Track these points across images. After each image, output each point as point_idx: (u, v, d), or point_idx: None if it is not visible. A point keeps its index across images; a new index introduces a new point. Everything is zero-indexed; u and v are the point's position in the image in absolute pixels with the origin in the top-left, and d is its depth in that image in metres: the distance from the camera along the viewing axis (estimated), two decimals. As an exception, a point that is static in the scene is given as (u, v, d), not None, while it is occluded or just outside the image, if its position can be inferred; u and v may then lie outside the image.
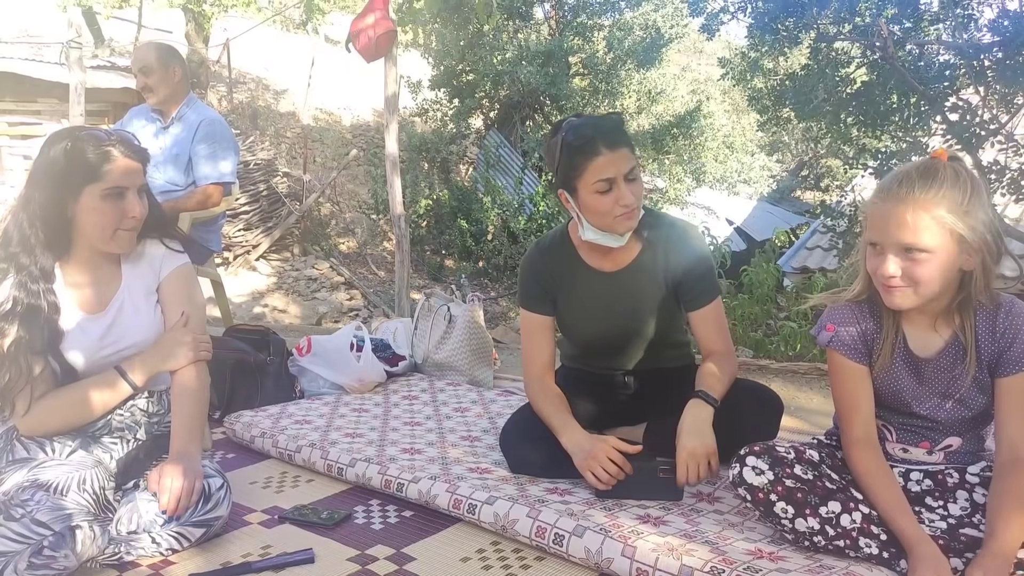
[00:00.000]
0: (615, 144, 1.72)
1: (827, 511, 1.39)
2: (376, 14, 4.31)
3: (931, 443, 1.51)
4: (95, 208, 1.58)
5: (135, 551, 1.49)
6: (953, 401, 1.46)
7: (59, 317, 1.60)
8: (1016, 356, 1.40)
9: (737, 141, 13.58)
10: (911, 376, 1.49)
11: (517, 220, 10.05)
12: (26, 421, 1.58)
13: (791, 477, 1.42)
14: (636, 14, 12.53)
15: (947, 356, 1.45)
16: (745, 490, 1.44)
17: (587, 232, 1.81)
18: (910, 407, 1.49)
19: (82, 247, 1.65)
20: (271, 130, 12.33)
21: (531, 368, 1.96)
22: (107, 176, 1.58)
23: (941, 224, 1.31)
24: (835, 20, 4.17)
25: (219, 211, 3.22)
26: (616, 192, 1.72)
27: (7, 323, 1.52)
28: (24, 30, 12.34)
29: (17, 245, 1.57)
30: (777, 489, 1.41)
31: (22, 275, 1.55)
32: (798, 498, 1.40)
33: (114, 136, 1.63)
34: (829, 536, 1.39)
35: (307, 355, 2.77)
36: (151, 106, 3.16)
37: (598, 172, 1.71)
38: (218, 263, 8.24)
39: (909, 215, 1.31)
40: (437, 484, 1.76)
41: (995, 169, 3.96)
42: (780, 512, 1.41)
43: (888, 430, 1.55)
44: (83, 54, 6.81)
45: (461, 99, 11.75)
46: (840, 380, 1.52)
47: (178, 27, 11.43)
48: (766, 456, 1.44)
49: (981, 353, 1.42)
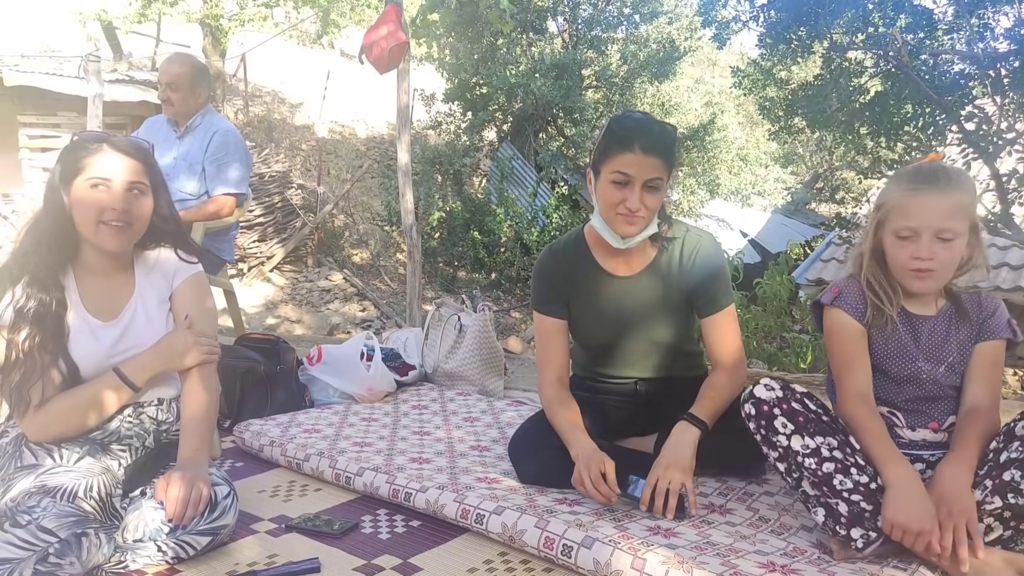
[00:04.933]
0: (650, 149, 1.72)
1: (822, 440, 1.48)
2: (388, 27, 4.34)
3: (938, 423, 1.58)
4: (81, 199, 1.59)
5: (141, 559, 1.48)
6: (945, 366, 1.57)
7: (68, 320, 1.60)
8: (993, 326, 1.58)
9: (751, 153, 13.55)
10: (910, 336, 1.59)
11: (530, 232, 10.06)
12: (31, 425, 1.58)
13: (799, 402, 1.52)
14: (650, 27, 12.57)
15: (942, 320, 1.60)
16: (752, 405, 1.54)
17: (595, 218, 1.85)
18: (916, 362, 1.58)
19: (87, 249, 1.65)
20: (286, 142, 12.45)
21: (545, 373, 1.95)
22: (89, 167, 1.59)
23: (965, 211, 1.49)
24: (848, 30, 4.15)
25: (232, 221, 3.23)
26: (628, 192, 1.73)
27: (22, 322, 1.54)
28: (45, 45, 12.56)
29: (31, 245, 1.59)
30: (782, 406, 1.51)
31: (34, 278, 1.57)
32: (799, 420, 1.50)
33: (111, 137, 1.65)
34: (822, 457, 1.46)
35: (317, 364, 2.77)
36: (168, 116, 3.19)
37: (621, 165, 1.73)
38: (232, 274, 8.31)
39: (952, 203, 1.48)
40: (445, 494, 1.74)
41: (1014, 178, 3.92)
42: (780, 427, 1.50)
43: (896, 416, 1.59)
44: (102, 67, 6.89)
45: (474, 112, 11.81)
46: (841, 338, 1.61)
47: (195, 41, 11.58)
48: (779, 381, 1.55)
49: (970, 321, 1.58)
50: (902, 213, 1.51)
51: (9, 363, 1.53)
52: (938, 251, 1.49)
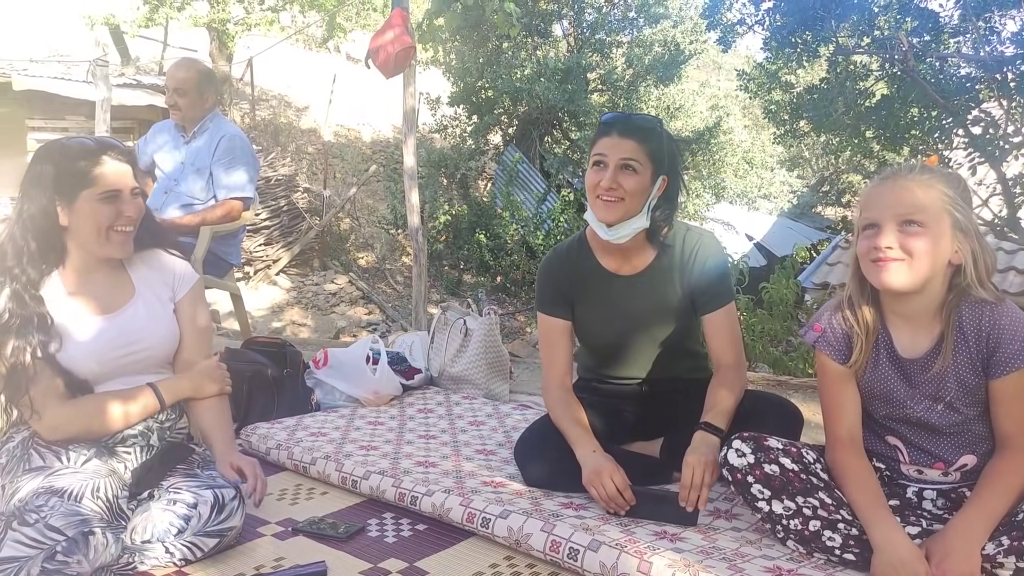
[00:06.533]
0: (627, 132, 1.78)
1: (804, 501, 1.44)
2: (395, 31, 4.35)
3: (945, 464, 1.49)
4: (91, 211, 1.61)
5: (148, 561, 1.49)
6: (943, 404, 1.46)
7: (62, 321, 1.61)
8: (1002, 359, 1.41)
9: (757, 157, 13.53)
10: (899, 378, 1.49)
11: (535, 235, 10.06)
12: (47, 424, 1.59)
13: (774, 464, 1.47)
14: (655, 30, 12.57)
15: (933, 357, 1.45)
16: (727, 471, 1.51)
17: (588, 212, 1.88)
18: (904, 408, 1.49)
19: (78, 254, 1.66)
20: (292, 146, 12.49)
21: (550, 375, 1.96)
22: (100, 181, 1.61)
23: (937, 201, 1.37)
24: (853, 33, 4.15)
25: (239, 225, 3.24)
26: (603, 172, 1.78)
27: (4, 335, 1.54)
28: (53, 49, 12.63)
29: (12, 258, 1.59)
30: (755, 472, 1.47)
31: (16, 286, 1.57)
32: (775, 484, 1.46)
33: (101, 141, 1.66)
34: (806, 516, 1.43)
35: (324, 368, 2.78)
36: (175, 121, 3.20)
37: (599, 148, 1.80)
38: (238, 277, 8.34)
39: (910, 189, 1.38)
40: (451, 497, 1.74)
41: (1020, 182, 3.91)
42: (757, 493, 1.47)
43: (900, 451, 1.53)
44: (109, 72, 6.93)
45: (480, 115, 11.83)
46: (825, 381, 1.55)
47: (202, 45, 11.64)
48: (751, 443, 1.51)
49: (969, 351, 1.43)
50: (865, 207, 1.44)
51: (4, 374, 1.55)
52: (904, 240, 1.37)
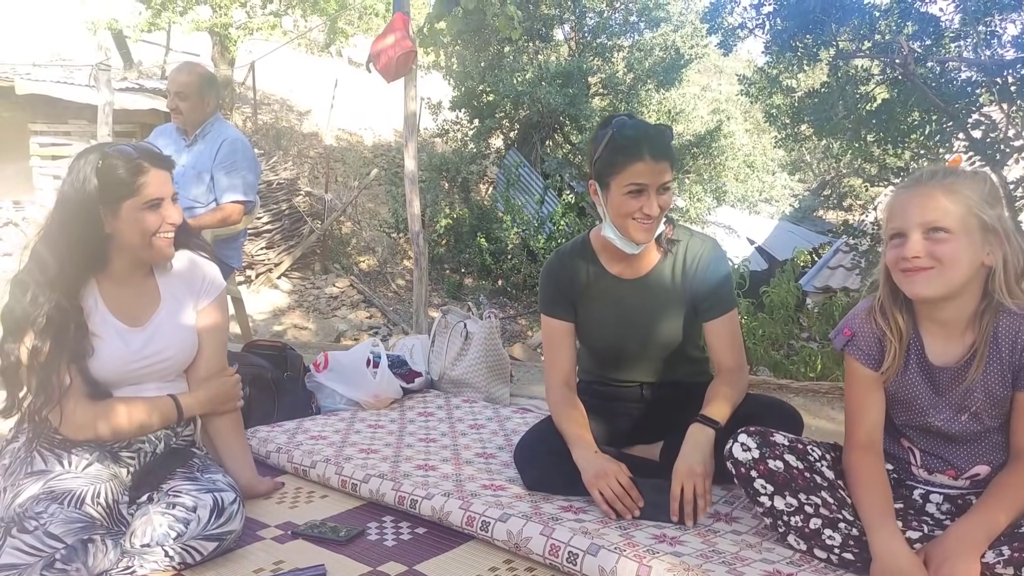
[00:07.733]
0: (659, 155, 1.74)
1: (806, 498, 1.45)
2: (396, 35, 4.36)
3: (956, 471, 1.48)
4: (135, 220, 1.63)
5: (148, 564, 1.49)
6: (968, 414, 1.44)
7: (94, 328, 1.64)
8: None
9: (758, 160, 13.52)
10: (927, 385, 1.47)
11: (536, 239, 10.07)
12: (74, 423, 1.60)
13: (778, 460, 1.47)
14: (656, 34, 12.59)
15: (965, 367, 1.42)
16: (732, 464, 1.51)
17: (607, 228, 1.85)
18: (926, 417, 1.48)
19: (120, 261, 1.69)
20: (294, 150, 12.51)
21: (553, 377, 1.96)
22: (143, 190, 1.63)
23: (964, 206, 1.34)
24: (854, 37, 4.15)
25: (240, 229, 3.25)
26: (644, 199, 1.75)
27: (41, 340, 1.55)
28: (56, 53, 12.66)
29: (53, 266, 1.59)
30: (759, 467, 1.48)
31: (56, 294, 1.58)
32: (779, 480, 1.46)
33: (140, 149, 1.67)
34: (807, 514, 1.43)
35: (324, 371, 2.78)
36: (177, 125, 3.21)
37: (635, 176, 1.74)
38: (239, 280, 8.34)
39: (934, 196, 1.35)
40: (451, 501, 1.74)
41: (1021, 186, 3.91)
42: (760, 488, 1.48)
43: (913, 453, 1.53)
44: (112, 76, 6.95)
45: (481, 119, 11.85)
46: (852, 384, 1.54)
47: (204, 50, 11.67)
48: (757, 437, 1.51)
49: (1001, 363, 1.39)
50: (890, 217, 1.42)
51: (32, 369, 1.56)
52: (932, 248, 1.34)
